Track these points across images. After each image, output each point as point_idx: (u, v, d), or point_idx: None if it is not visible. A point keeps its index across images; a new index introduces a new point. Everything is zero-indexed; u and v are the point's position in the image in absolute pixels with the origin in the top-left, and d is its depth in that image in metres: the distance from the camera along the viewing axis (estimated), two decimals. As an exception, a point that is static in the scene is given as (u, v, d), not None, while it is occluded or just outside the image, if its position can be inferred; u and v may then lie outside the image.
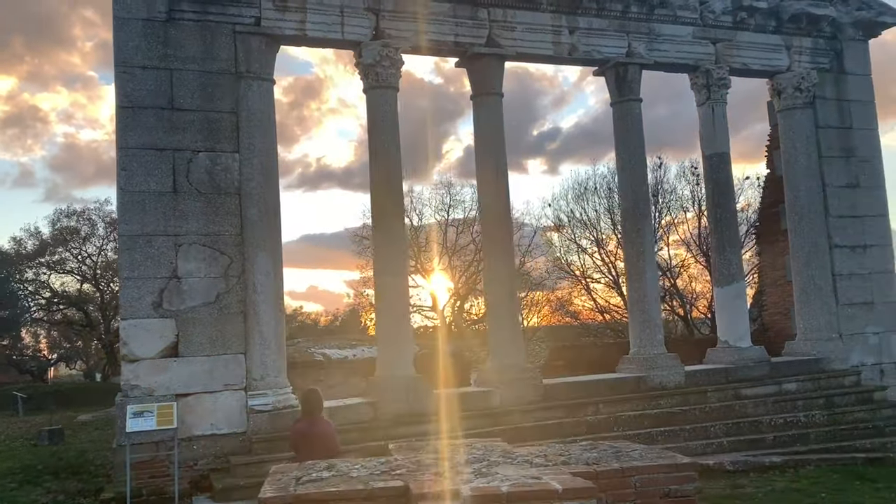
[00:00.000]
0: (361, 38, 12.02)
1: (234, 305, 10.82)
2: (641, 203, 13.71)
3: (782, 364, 14.24)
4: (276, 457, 10.20)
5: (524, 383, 12.21)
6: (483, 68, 12.81)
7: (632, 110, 13.82)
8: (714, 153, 14.40)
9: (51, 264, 45.72)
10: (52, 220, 45.21)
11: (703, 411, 12.73)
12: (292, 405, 10.95)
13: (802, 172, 14.91)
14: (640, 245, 13.58)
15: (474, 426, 11.49)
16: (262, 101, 11.33)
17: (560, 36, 13.32)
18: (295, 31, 11.65)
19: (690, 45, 14.30)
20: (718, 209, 14.34)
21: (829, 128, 15.29)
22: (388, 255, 11.83)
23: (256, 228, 11.01)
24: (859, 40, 15.82)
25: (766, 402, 13.23)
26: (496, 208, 12.65)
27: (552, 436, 11.60)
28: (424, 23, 12.40)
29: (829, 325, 14.64)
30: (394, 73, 12.10)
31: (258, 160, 11.15)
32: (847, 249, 15.08)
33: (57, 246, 45.10)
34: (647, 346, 13.35)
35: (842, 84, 15.54)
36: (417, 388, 11.55)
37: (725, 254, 14.21)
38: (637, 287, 13.56)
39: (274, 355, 10.93)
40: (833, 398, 13.69)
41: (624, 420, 12.21)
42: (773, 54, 15.01)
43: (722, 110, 14.42)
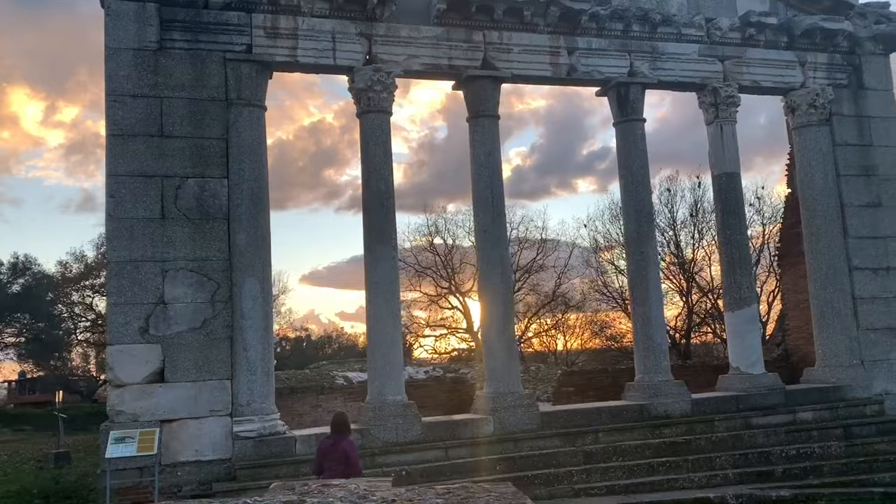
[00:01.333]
0: (354, 62, 12.03)
1: (220, 331, 10.82)
2: (645, 225, 13.36)
3: (798, 392, 13.63)
4: (259, 484, 10.15)
5: (520, 411, 11.92)
6: (478, 90, 12.70)
7: (634, 130, 13.52)
8: (723, 173, 13.99)
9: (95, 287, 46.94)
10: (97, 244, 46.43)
11: (709, 441, 12.24)
12: (279, 432, 10.87)
13: (819, 192, 14.36)
14: (644, 268, 13.21)
15: (464, 455, 11.29)
16: (253, 127, 11.39)
17: (558, 57, 13.14)
18: (286, 57, 11.73)
19: (696, 62, 13.96)
20: (728, 230, 13.89)
21: (847, 145, 14.72)
22: (379, 280, 11.72)
23: (245, 254, 11.03)
24: (879, 54, 15.25)
25: (777, 431, 12.65)
26: (492, 231, 12.46)
27: (547, 466, 11.32)
28: (418, 47, 12.37)
29: (850, 350, 13.97)
30: (386, 98, 12.07)
31: (247, 186, 11.19)
32: (868, 272, 14.42)
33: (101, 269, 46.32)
34: (651, 372, 12.93)
35: (861, 100, 14.98)
36: (407, 415, 11.36)
37: (736, 276, 13.73)
38: (641, 312, 13.17)
39: (261, 381, 10.88)
40: (852, 428, 13.04)
41: (623, 450, 11.79)
42: (785, 71, 14.56)
43: (731, 129, 14.01)
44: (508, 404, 11.90)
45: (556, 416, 12.21)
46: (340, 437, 8.05)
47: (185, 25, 11.22)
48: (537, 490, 10.84)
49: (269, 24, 11.60)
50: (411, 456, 11.02)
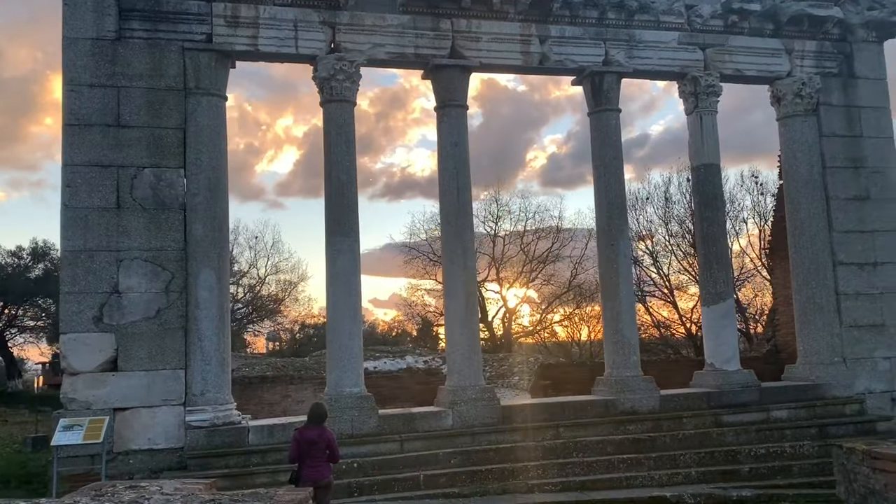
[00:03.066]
0: (317, 51, 11.94)
1: (174, 321, 10.85)
2: (617, 218, 13.09)
3: (774, 389, 13.30)
4: (208, 474, 10.19)
5: (481, 404, 11.80)
6: (446, 80, 12.52)
7: (608, 121, 13.23)
8: (701, 164, 13.64)
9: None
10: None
11: (674, 438, 12.00)
12: (233, 422, 10.90)
13: (803, 184, 13.95)
14: (614, 262, 12.96)
15: (419, 448, 11.22)
16: (212, 116, 11.37)
17: (529, 45, 12.90)
18: (247, 46, 11.67)
19: (676, 51, 13.60)
20: (706, 223, 13.55)
21: (834, 136, 14.25)
22: (338, 272, 11.67)
23: (201, 244, 11.03)
24: (872, 42, 14.72)
25: (748, 430, 12.36)
26: (456, 223, 12.31)
27: (504, 461, 11.20)
28: (383, 35, 12.23)
29: (831, 348, 13.59)
30: (349, 87, 11.97)
31: (205, 176, 11.18)
32: (854, 267, 13.99)
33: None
34: (620, 367, 12.70)
35: (851, 89, 14.48)
36: (363, 407, 11.31)
37: (712, 271, 13.41)
38: (611, 306, 12.93)
39: (215, 371, 10.90)
40: (828, 428, 12.69)
41: (584, 446, 11.61)
42: (770, 59, 14.12)
43: (711, 119, 13.64)
44: (468, 398, 11.78)
45: (518, 411, 12.07)
46: (322, 427, 8.31)
47: (144, 15, 11.21)
48: (490, 484, 10.74)
49: (230, 12, 11.54)
50: (365, 448, 10.97)
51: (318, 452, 8.11)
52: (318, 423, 8.29)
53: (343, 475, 10.50)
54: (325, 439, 8.17)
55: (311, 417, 8.32)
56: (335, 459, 8.37)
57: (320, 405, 8.54)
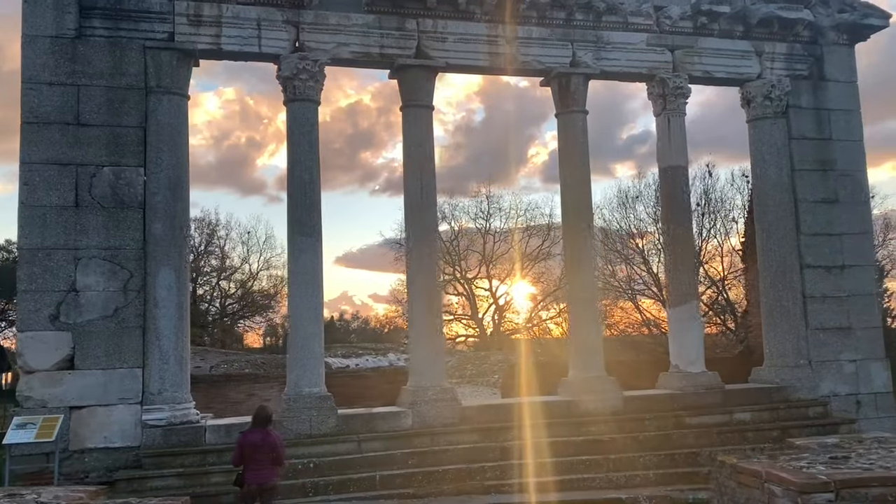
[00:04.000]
0: (280, 50, 11.92)
1: (132, 319, 10.85)
2: (583, 220, 13.10)
3: (738, 392, 13.33)
4: (162, 473, 10.24)
5: (441, 405, 11.81)
6: (411, 80, 12.51)
7: (575, 122, 13.23)
8: (669, 166, 13.64)
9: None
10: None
11: (635, 440, 12.01)
12: (190, 421, 10.91)
13: (772, 186, 13.95)
14: (578, 263, 12.97)
15: (377, 449, 11.24)
16: (173, 115, 11.35)
17: (496, 46, 12.88)
18: (210, 45, 11.65)
19: (644, 52, 13.59)
20: (672, 224, 13.56)
21: (804, 139, 14.25)
22: (300, 272, 11.66)
23: (160, 243, 11.03)
24: (843, 45, 14.71)
25: (710, 432, 12.38)
26: (421, 223, 12.31)
27: (461, 461, 11.21)
28: (347, 35, 12.21)
29: (797, 350, 13.61)
30: (312, 86, 11.94)
31: (165, 174, 11.17)
32: (821, 270, 14.00)
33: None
34: (583, 368, 12.73)
35: (821, 92, 14.47)
36: (322, 407, 11.32)
37: (678, 273, 13.43)
38: (576, 307, 12.94)
39: (173, 370, 10.91)
40: (790, 430, 12.67)
41: (543, 447, 11.61)
42: (740, 61, 14.12)
43: (679, 121, 13.65)
44: (429, 398, 11.79)
45: (479, 411, 12.09)
46: (266, 430, 8.34)
47: (105, 13, 11.19)
48: (446, 485, 10.77)
49: (193, 11, 11.53)
50: (322, 448, 10.99)
51: (263, 455, 8.12)
52: (263, 425, 8.30)
53: (299, 475, 10.53)
54: (269, 442, 8.18)
55: (255, 420, 8.35)
56: (281, 462, 8.37)
57: (265, 408, 8.55)
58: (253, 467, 8.09)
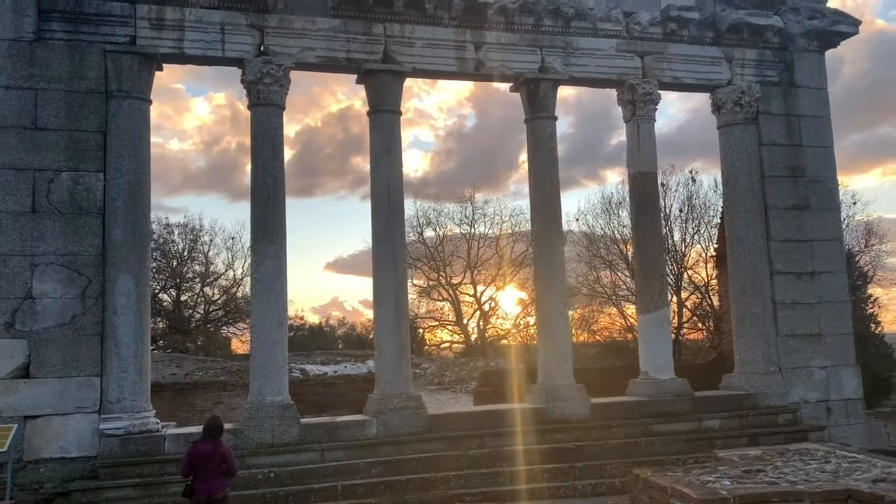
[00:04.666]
0: (244, 55, 11.80)
1: (90, 327, 10.68)
2: (552, 227, 13.03)
3: (708, 399, 13.27)
4: (119, 483, 10.07)
5: (406, 413, 11.68)
6: (378, 85, 12.41)
7: (544, 128, 13.19)
8: (638, 172, 13.60)
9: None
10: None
11: (602, 448, 11.92)
12: (150, 430, 10.73)
13: (742, 193, 13.93)
14: (547, 269, 12.89)
15: (340, 458, 11.11)
16: (134, 120, 11.21)
17: (464, 52, 12.81)
18: (172, 49, 11.52)
19: (613, 58, 13.56)
20: (641, 231, 13.51)
21: (774, 145, 14.24)
22: (262, 279, 11.53)
23: (120, 250, 10.87)
24: (814, 51, 14.72)
25: (678, 440, 12.32)
26: (387, 229, 12.19)
27: (426, 470, 11.09)
28: (313, 39, 12.11)
29: (767, 357, 13.57)
30: (277, 91, 11.83)
31: (125, 180, 11.02)
32: (791, 276, 13.98)
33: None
34: (552, 375, 12.63)
35: (791, 98, 14.48)
36: (285, 416, 11.17)
37: (648, 279, 13.37)
38: (545, 313, 12.86)
39: (133, 378, 10.74)
40: (759, 437, 12.62)
41: (509, 455, 11.51)
42: (710, 67, 14.11)
43: (648, 127, 13.61)
44: (395, 406, 11.67)
45: (445, 419, 11.97)
46: (216, 440, 8.23)
47: (65, 16, 11.05)
48: (409, 495, 10.63)
49: (155, 15, 11.39)
50: (284, 458, 10.84)
51: (212, 466, 8.01)
52: (213, 436, 8.17)
53: (259, 485, 10.38)
54: (219, 453, 8.07)
55: (205, 431, 8.22)
56: (231, 473, 8.25)
57: (215, 418, 8.41)
58: (202, 478, 7.96)
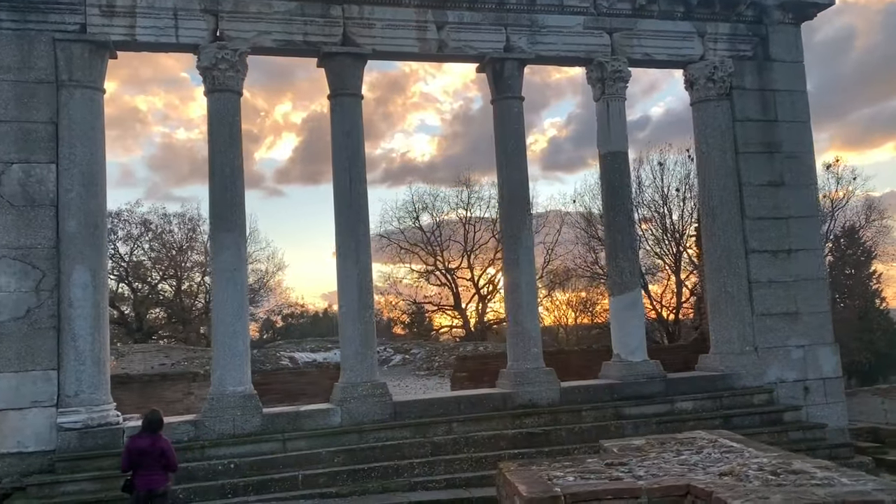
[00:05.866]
0: (199, 40, 11.58)
1: (45, 320, 10.56)
2: (519, 208, 12.81)
3: (681, 380, 13.10)
4: (75, 477, 9.98)
5: (371, 401, 11.56)
6: (338, 68, 12.18)
7: (510, 109, 12.94)
8: (608, 152, 13.36)
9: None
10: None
11: (571, 432, 11.78)
12: (109, 423, 10.63)
13: (715, 170, 13.67)
14: (516, 251, 12.69)
15: (303, 447, 10.98)
16: (86, 110, 11.02)
17: (426, 32, 12.55)
18: (124, 36, 11.31)
19: (581, 36, 13.27)
20: (612, 212, 13.29)
21: (748, 121, 13.95)
22: (222, 268, 11.37)
23: (74, 241, 10.72)
24: (789, 24, 14.39)
25: (649, 422, 12.15)
26: (349, 214, 12.00)
27: (390, 458, 10.97)
28: (269, 23, 11.87)
29: (743, 337, 13.37)
30: (233, 76, 11.61)
31: (79, 171, 10.85)
32: (767, 254, 13.74)
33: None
34: (521, 359, 12.48)
35: (766, 73, 14.17)
36: (246, 406, 11.05)
37: (618, 260, 13.16)
38: (513, 297, 12.68)
39: (90, 371, 10.62)
40: (733, 419, 12.47)
41: (476, 441, 11.39)
42: (682, 42, 13.80)
43: (618, 106, 13.34)
44: (359, 394, 11.54)
45: (411, 406, 11.84)
46: (156, 435, 8.16)
47: (11, 4, 10.84)
48: (371, 483, 10.52)
49: (105, 1, 11.16)
50: (245, 448, 10.73)
51: (152, 461, 7.93)
52: (152, 430, 8.08)
53: (218, 476, 10.29)
54: (158, 448, 7.99)
55: (144, 425, 8.12)
56: (172, 468, 8.17)
57: (154, 412, 8.31)
58: (142, 473, 7.88)
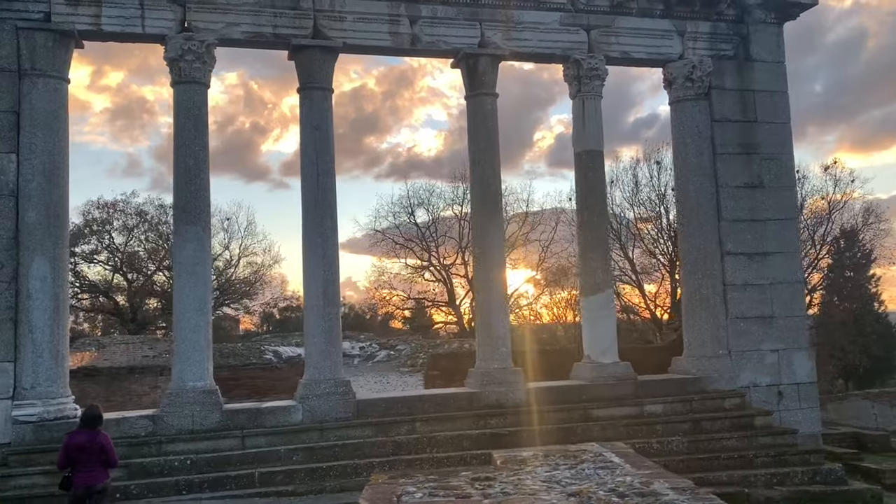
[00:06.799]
0: (166, 31, 11.44)
1: (2, 312, 10.46)
2: (491, 204, 12.66)
3: (651, 383, 12.95)
4: (27, 471, 9.88)
5: (334, 398, 11.43)
6: (307, 61, 12.03)
7: (484, 106, 12.78)
8: (584, 150, 13.19)
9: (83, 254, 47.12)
10: (83, 211, 46.42)
11: (536, 433, 11.63)
12: (66, 416, 10.52)
13: (692, 171, 13.51)
14: (486, 250, 12.55)
15: (261, 445, 10.87)
16: (49, 99, 10.89)
17: (399, 26, 12.39)
18: (89, 26, 11.18)
19: (558, 32, 13.09)
20: (585, 211, 13.13)
21: (727, 121, 13.76)
22: (184, 262, 11.25)
23: (34, 233, 10.61)
24: (771, 23, 14.19)
25: (616, 425, 12.01)
26: (316, 209, 11.87)
27: (350, 457, 10.85)
28: (238, 14, 11.74)
29: (716, 340, 13.21)
30: (199, 68, 11.48)
31: (39, 161, 10.74)
32: (743, 257, 13.56)
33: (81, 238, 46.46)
34: (488, 359, 12.35)
35: (746, 73, 13.97)
36: (206, 402, 10.94)
37: (590, 261, 13.01)
38: (483, 295, 12.55)
39: (48, 364, 10.52)
40: (702, 423, 12.34)
41: (439, 441, 11.26)
42: (661, 41, 13.62)
43: (594, 104, 13.17)
44: (322, 392, 11.42)
45: (375, 405, 11.71)
46: (95, 431, 8.11)
47: (-27, -8, 10.73)
48: (328, 482, 10.40)
49: (70, -10, 11.04)
50: (203, 444, 10.62)
51: (90, 458, 7.86)
52: (91, 426, 7.98)
53: (174, 472, 10.18)
54: (96, 444, 7.92)
55: (83, 421, 8.02)
56: (112, 464, 8.10)
57: (93, 408, 8.23)
58: (81, 469, 7.78)
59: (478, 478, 5.69)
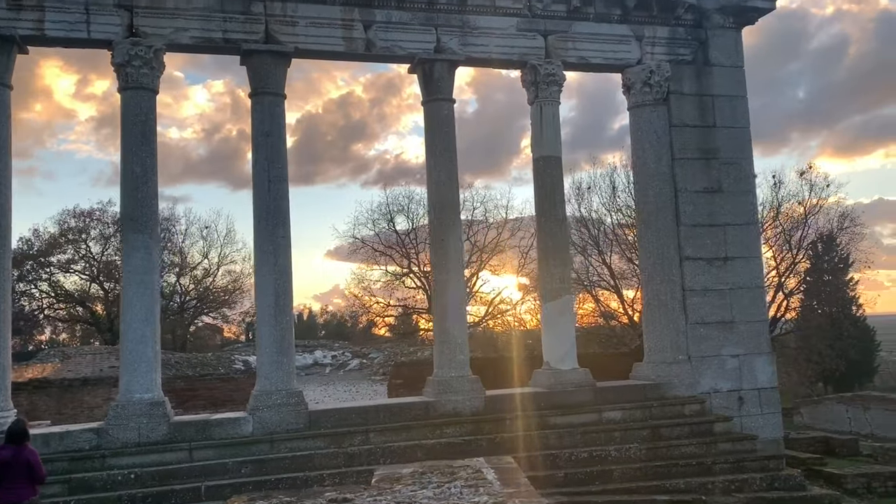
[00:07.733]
0: (112, 36, 11.24)
1: (-59, 324, 10.21)
2: (448, 213, 12.53)
3: (611, 389, 12.85)
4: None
5: (286, 409, 11.23)
6: (259, 66, 11.86)
7: (440, 111, 12.66)
8: (541, 156, 13.10)
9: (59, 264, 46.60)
10: (59, 220, 45.94)
11: (492, 442, 11.48)
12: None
13: (650, 176, 13.45)
14: (444, 257, 12.41)
15: (210, 457, 10.65)
16: (-10, 105, 10.67)
17: (352, 31, 12.26)
18: (32, 31, 10.97)
19: (514, 38, 13.02)
20: (543, 217, 13.03)
21: (685, 126, 13.74)
22: (131, 271, 11.03)
23: (-27, 241, 10.38)
24: (730, 28, 14.19)
25: (574, 432, 11.89)
26: (268, 218, 11.68)
27: (300, 469, 10.65)
28: (187, 19, 11.55)
29: (676, 346, 13.14)
30: (147, 74, 11.28)
31: (-20, 169, 10.51)
32: (703, 262, 13.51)
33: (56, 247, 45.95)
34: (445, 367, 12.20)
35: (705, 78, 13.96)
36: (153, 414, 10.70)
37: (549, 267, 12.89)
38: (441, 302, 12.41)
39: (-14, 376, 10.27)
40: (661, 429, 12.24)
41: (393, 451, 11.07)
42: (619, 46, 13.57)
43: (552, 110, 13.10)
44: (273, 403, 11.21)
45: (328, 415, 11.52)
46: (21, 446, 7.94)
47: (-89, -4, 10.49)
48: (277, 495, 10.17)
49: (12, -6, 10.83)
50: (149, 458, 10.38)
51: (16, 474, 7.66)
52: (15, 442, 7.77)
53: (117, 487, 9.94)
54: (22, 459, 7.71)
55: (7, 436, 7.81)
56: (40, 480, 7.89)
57: (18, 422, 8.04)
58: (6, 486, 7.57)
59: (335, 499, 5.55)
